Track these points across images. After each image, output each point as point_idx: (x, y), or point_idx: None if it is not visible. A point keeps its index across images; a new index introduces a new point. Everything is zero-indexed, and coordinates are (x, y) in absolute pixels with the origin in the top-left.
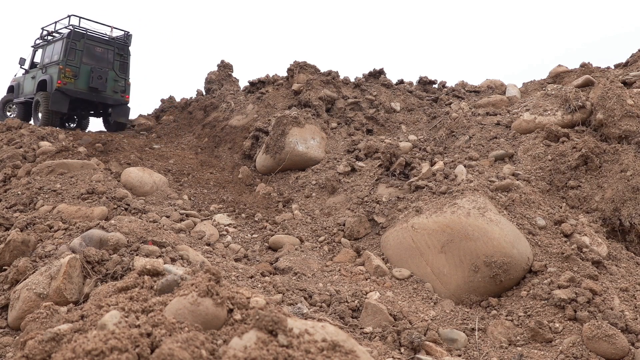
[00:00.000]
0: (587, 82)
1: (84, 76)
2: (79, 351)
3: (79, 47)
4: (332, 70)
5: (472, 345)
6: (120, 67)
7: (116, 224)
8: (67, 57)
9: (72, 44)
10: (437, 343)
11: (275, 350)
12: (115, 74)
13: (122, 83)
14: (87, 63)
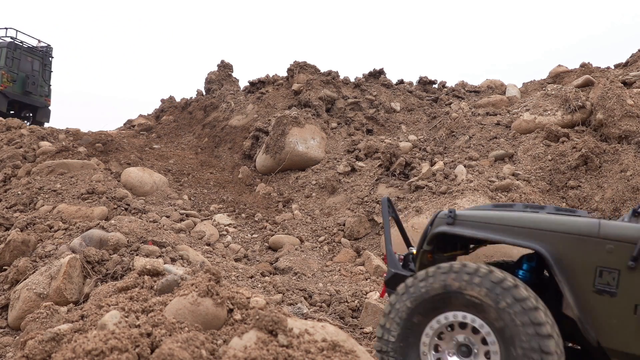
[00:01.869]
0: (587, 82)
1: (20, 81)
2: (79, 351)
3: (16, 55)
4: (332, 70)
5: None
6: (44, 75)
7: (116, 224)
8: (7, 64)
9: (11, 52)
10: None
11: (275, 350)
12: (43, 80)
13: (46, 88)
14: (23, 70)
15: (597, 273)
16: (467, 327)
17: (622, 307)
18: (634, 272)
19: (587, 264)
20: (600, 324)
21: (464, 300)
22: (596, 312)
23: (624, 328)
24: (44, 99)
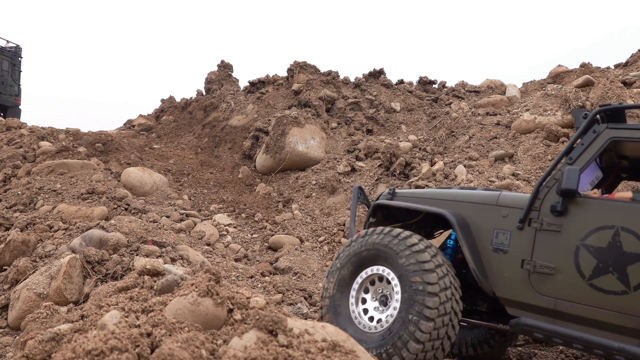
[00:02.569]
0: (587, 82)
1: None
2: (79, 351)
3: None
4: (332, 70)
5: None
6: (13, 75)
7: (116, 224)
8: None
9: None
10: None
11: (275, 350)
12: (13, 80)
13: (16, 88)
14: None
15: (494, 234)
16: (383, 280)
17: (512, 262)
18: (521, 232)
19: (486, 227)
20: (495, 277)
21: (379, 255)
22: (492, 267)
23: (513, 280)
24: (14, 99)
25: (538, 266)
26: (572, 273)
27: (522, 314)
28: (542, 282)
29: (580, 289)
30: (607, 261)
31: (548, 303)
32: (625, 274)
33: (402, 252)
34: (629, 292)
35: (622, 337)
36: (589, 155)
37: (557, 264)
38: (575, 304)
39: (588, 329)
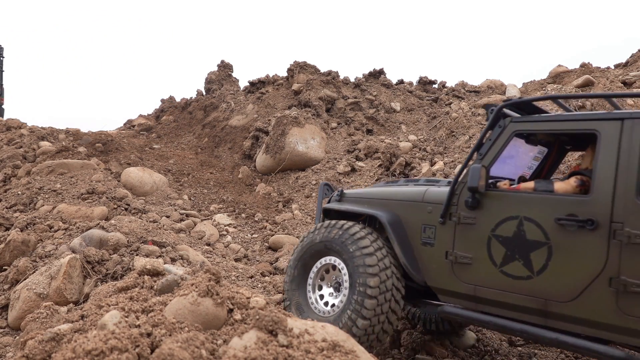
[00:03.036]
0: (587, 82)
1: None
2: (79, 351)
3: None
4: (332, 70)
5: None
6: None
7: (116, 224)
8: None
9: None
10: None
11: (275, 350)
12: None
13: None
14: None
15: (422, 229)
16: (336, 269)
17: (437, 254)
18: (443, 227)
19: (416, 223)
20: (425, 268)
21: (329, 246)
22: (422, 260)
23: (440, 270)
24: None
25: (459, 257)
26: (486, 262)
27: (450, 301)
28: (463, 271)
29: (494, 276)
30: (513, 249)
31: (469, 290)
32: (529, 260)
33: (346, 241)
34: (533, 277)
35: (530, 316)
36: (496, 149)
37: (474, 254)
38: (491, 290)
39: (503, 311)
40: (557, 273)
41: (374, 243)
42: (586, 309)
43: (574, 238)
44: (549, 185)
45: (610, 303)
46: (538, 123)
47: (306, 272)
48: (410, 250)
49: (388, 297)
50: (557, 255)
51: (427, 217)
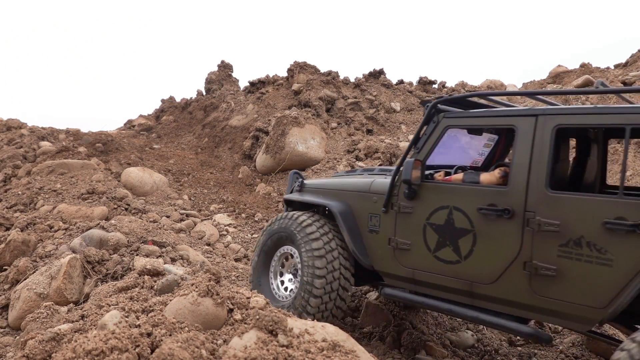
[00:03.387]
0: (587, 82)
1: None
2: (79, 351)
3: None
4: (332, 70)
5: (477, 345)
6: None
7: (116, 224)
8: None
9: None
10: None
11: (275, 350)
12: None
13: None
14: None
15: (369, 218)
16: (293, 257)
17: (382, 241)
18: (386, 215)
19: (364, 212)
20: (372, 253)
21: (285, 235)
22: (370, 246)
23: (384, 255)
24: None
25: (399, 243)
26: (422, 247)
27: (393, 283)
28: (403, 256)
29: (429, 260)
30: (445, 236)
31: (408, 273)
32: (457, 246)
33: (296, 229)
34: (460, 261)
35: (460, 296)
36: (430, 143)
37: (412, 240)
38: (426, 273)
39: (437, 292)
40: (481, 258)
41: (320, 229)
42: (505, 290)
43: (494, 226)
44: (475, 176)
45: (525, 284)
46: (467, 119)
47: (268, 261)
48: (359, 237)
49: (336, 276)
50: (481, 241)
51: (373, 206)
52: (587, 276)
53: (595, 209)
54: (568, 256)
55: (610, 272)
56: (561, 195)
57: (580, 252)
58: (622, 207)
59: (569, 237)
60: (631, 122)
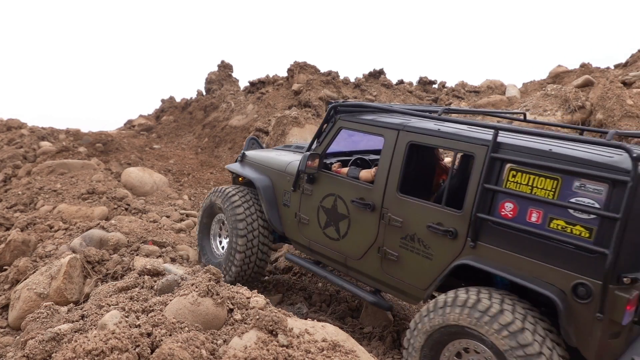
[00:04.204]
0: (587, 82)
1: None
2: (80, 351)
3: None
4: (332, 71)
5: None
6: None
7: (116, 224)
8: None
9: None
10: None
11: (275, 350)
12: None
13: None
14: None
15: (284, 194)
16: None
17: (291, 214)
18: (294, 193)
19: (281, 188)
20: (284, 224)
21: (218, 206)
22: (283, 217)
23: (292, 226)
24: None
25: (302, 218)
26: (315, 224)
27: (298, 249)
28: (304, 228)
29: (319, 235)
30: (330, 217)
31: (306, 242)
32: (338, 227)
33: (223, 200)
34: (339, 239)
35: (338, 266)
36: (327, 140)
37: (309, 217)
38: (318, 244)
39: (325, 260)
40: (352, 239)
41: (241, 198)
42: (366, 266)
43: (362, 215)
44: (356, 172)
45: (378, 264)
46: (355, 123)
47: (208, 226)
48: (276, 209)
49: (256, 235)
50: (353, 226)
51: (287, 184)
52: (416, 264)
53: (425, 213)
54: (405, 247)
55: (430, 263)
56: (405, 198)
57: (413, 245)
58: (441, 215)
59: (407, 232)
60: (459, 149)
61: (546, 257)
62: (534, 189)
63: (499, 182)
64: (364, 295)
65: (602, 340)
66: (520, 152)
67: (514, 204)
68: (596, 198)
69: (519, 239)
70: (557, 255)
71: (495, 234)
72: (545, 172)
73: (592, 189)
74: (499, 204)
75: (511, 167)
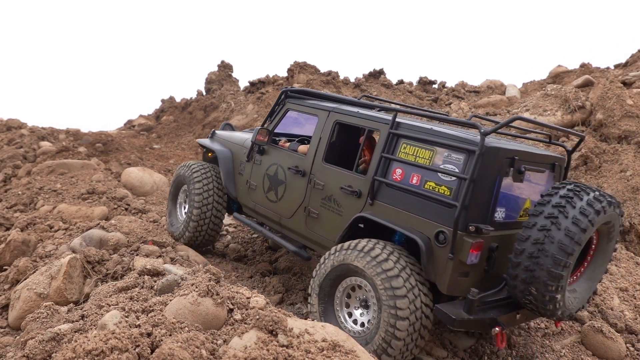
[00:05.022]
0: (587, 82)
1: None
2: (80, 351)
3: None
4: (332, 70)
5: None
6: None
7: (116, 224)
8: None
9: None
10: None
11: (275, 350)
12: None
13: None
14: None
15: (240, 164)
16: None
17: (244, 181)
18: (247, 163)
19: (238, 159)
20: (238, 190)
21: (184, 178)
22: (237, 184)
23: (244, 191)
24: None
25: (251, 184)
26: (261, 189)
27: (247, 212)
28: (252, 193)
29: (263, 199)
30: (272, 183)
31: (253, 205)
32: (277, 191)
33: (187, 172)
34: (277, 202)
35: (275, 225)
36: (277, 119)
37: (257, 183)
38: (262, 207)
39: (266, 221)
40: (286, 200)
41: (202, 174)
42: (295, 223)
43: (295, 181)
44: (295, 146)
45: (304, 221)
46: (298, 105)
47: (176, 195)
48: (232, 177)
49: (210, 208)
50: (288, 190)
51: (243, 156)
52: (331, 220)
53: (340, 178)
54: (324, 206)
55: (340, 219)
56: (328, 166)
57: (330, 205)
58: (352, 179)
59: (326, 194)
60: (369, 126)
61: (420, 211)
62: (417, 158)
63: (394, 152)
64: (287, 245)
65: (453, 277)
66: (410, 130)
67: (402, 170)
68: (457, 164)
69: (403, 197)
70: (428, 210)
71: (387, 194)
72: (425, 145)
73: (455, 158)
74: (392, 170)
75: (404, 141)
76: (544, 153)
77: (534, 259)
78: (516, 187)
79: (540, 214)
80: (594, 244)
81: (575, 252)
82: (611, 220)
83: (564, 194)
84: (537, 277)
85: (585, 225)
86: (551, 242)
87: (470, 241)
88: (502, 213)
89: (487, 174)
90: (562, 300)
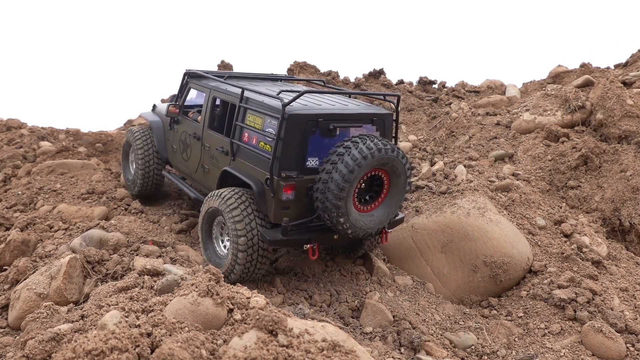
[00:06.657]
0: (587, 82)
1: None
2: (79, 351)
3: None
4: (332, 70)
5: (476, 345)
6: None
7: (116, 224)
8: None
9: None
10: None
11: (276, 350)
12: None
13: None
14: None
15: (167, 132)
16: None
17: (170, 145)
18: (171, 131)
19: (166, 128)
20: (168, 152)
21: (130, 142)
22: (167, 147)
23: (170, 153)
24: None
25: (173, 148)
26: (179, 151)
27: (175, 169)
28: (174, 154)
29: (180, 159)
30: (183, 147)
31: (175, 164)
32: (187, 153)
33: (131, 138)
34: (187, 161)
35: (190, 178)
36: (183, 96)
37: (176, 146)
38: (181, 165)
39: (184, 175)
40: (192, 159)
41: (142, 135)
42: (198, 177)
43: (195, 145)
44: (196, 116)
45: (202, 175)
46: (195, 85)
47: (127, 155)
48: (163, 141)
49: (152, 158)
50: (191, 152)
51: (167, 126)
52: (214, 173)
53: (217, 141)
54: (210, 163)
55: (218, 172)
56: (209, 132)
57: (213, 161)
58: (224, 142)
59: (211, 154)
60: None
61: (258, 163)
62: (254, 124)
63: (244, 120)
64: (189, 192)
65: (276, 210)
66: (252, 102)
67: (248, 133)
68: (274, 128)
69: (249, 154)
70: (261, 163)
71: (242, 153)
72: (258, 114)
73: (273, 123)
74: (243, 134)
75: (249, 111)
76: (359, 112)
77: (322, 193)
78: (329, 141)
79: (328, 162)
80: (386, 181)
81: (347, 188)
82: (388, 161)
83: (347, 145)
84: (326, 206)
85: (352, 168)
86: (331, 181)
87: (283, 184)
88: (315, 162)
89: (293, 134)
90: (347, 222)
